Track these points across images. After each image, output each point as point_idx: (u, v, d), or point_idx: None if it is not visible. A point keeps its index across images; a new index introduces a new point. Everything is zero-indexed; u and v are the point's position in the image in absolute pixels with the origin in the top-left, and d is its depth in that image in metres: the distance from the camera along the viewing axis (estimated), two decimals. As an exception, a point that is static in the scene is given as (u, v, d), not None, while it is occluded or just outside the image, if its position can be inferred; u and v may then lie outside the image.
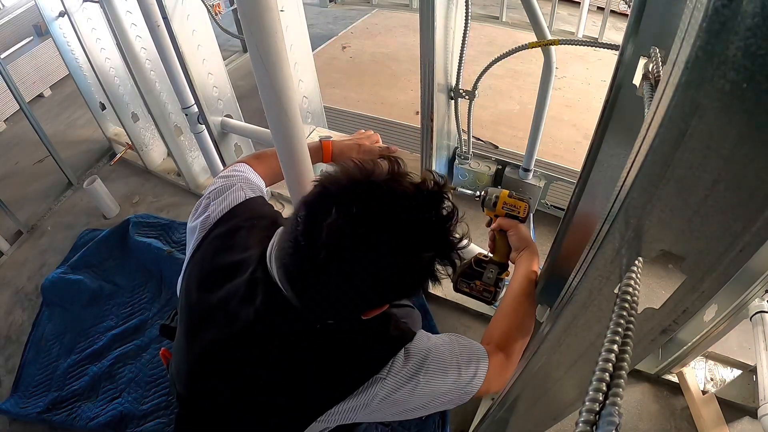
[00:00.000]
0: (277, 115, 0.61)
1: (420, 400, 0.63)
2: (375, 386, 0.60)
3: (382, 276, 0.53)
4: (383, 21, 2.83)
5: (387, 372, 0.61)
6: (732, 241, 0.26)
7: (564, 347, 0.44)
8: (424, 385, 0.62)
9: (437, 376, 0.63)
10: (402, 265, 0.53)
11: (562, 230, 0.86)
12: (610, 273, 0.33)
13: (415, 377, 0.62)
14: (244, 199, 0.76)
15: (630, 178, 0.28)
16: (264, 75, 0.57)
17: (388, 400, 0.61)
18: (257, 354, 0.62)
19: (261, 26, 0.53)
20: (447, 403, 0.66)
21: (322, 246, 0.51)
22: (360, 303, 0.58)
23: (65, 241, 1.91)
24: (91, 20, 1.76)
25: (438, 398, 0.64)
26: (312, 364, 0.61)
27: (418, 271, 0.55)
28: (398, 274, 0.54)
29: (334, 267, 0.52)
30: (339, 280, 0.53)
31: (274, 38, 0.55)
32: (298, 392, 0.61)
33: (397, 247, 0.52)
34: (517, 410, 0.65)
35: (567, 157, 1.60)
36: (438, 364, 0.64)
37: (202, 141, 1.62)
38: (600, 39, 2.54)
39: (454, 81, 1.14)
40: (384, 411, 0.63)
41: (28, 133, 2.24)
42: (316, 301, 0.57)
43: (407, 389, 0.62)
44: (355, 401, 0.60)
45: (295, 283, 0.56)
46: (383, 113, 1.97)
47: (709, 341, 1.08)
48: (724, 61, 0.20)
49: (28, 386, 1.43)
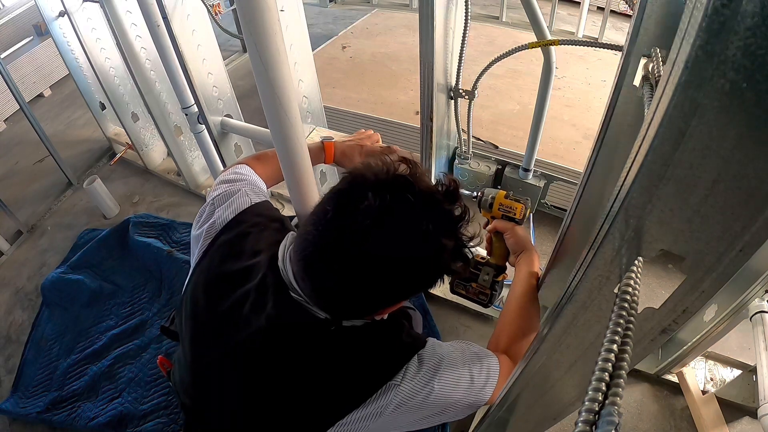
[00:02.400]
0: (277, 115, 0.61)
1: (434, 409, 0.62)
2: (389, 393, 0.59)
3: (406, 266, 0.54)
4: (383, 21, 2.83)
5: (401, 378, 0.60)
6: (732, 241, 0.26)
7: (564, 347, 0.44)
8: (439, 391, 0.61)
9: (451, 383, 0.63)
10: (425, 256, 0.55)
11: (563, 232, 0.86)
12: (610, 273, 0.33)
13: (429, 384, 0.61)
14: (250, 204, 0.75)
15: (630, 177, 0.28)
16: (263, 75, 0.57)
17: (402, 408, 0.60)
18: (268, 362, 0.61)
19: (260, 26, 0.53)
20: (459, 412, 0.65)
21: (354, 230, 0.52)
22: (378, 297, 0.58)
23: (65, 241, 1.91)
24: (91, 20, 1.76)
25: (452, 406, 0.63)
26: (325, 371, 0.60)
27: (437, 263, 0.56)
28: (420, 264, 0.55)
29: (362, 253, 0.52)
30: (363, 267, 0.53)
31: (274, 38, 0.54)
32: (310, 401, 0.60)
33: (423, 238, 0.53)
34: (517, 410, 0.65)
35: (567, 157, 1.60)
36: (451, 370, 0.63)
37: (202, 141, 1.62)
38: (600, 39, 2.54)
39: (453, 81, 1.14)
40: (398, 420, 0.61)
41: (28, 133, 2.24)
42: (334, 295, 0.57)
43: (421, 396, 0.60)
44: (369, 409, 0.59)
45: (315, 276, 0.56)
46: (383, 113, 1.97)
47: (709, 341, 1.08)
48: (723, 60, 0.20)
49: (28, 386, 1.43)
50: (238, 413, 0.62)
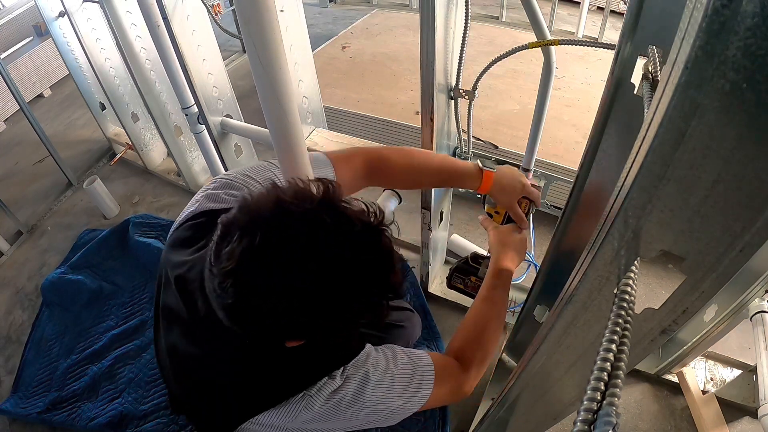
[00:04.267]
0: (277, 116, 0.61)
1: (356, 420, 0.61)
2: (302, 403, 0.58)
3: (281, 313, 0.48)
4: (383, 21, 2.83)
5: (318, 391, 0.58)
6: (732, 242, 0.26)
7: (564, 347, 0.44)
8: (365, 404, 0.61)
9: (377, 392, 0.62)
10: (312, 305, 0.48)
11: (559, 231, 0.87)
12: (610, 273, 0.33)
13: (358, 398, 0.60)
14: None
15: (630, 178, 0.28)
16: (263, 76, 0.56)
17: (318, 419, 0.59)
18: (206, 349, 0.62)
19: (259, 27, 0.53)
20: (387, 418, 0.64)
21: (219, 272, 0.47)
22: (271, 334, 0.52)
23: (65, 241, 1.91)
24: (91, 20, 1.76)
25: (382, 418, 0.63)
26: (244, 368, 0.60)
27: (336, 312, 0.49)
28: (303, 313, 0.48)
29: (234, 295, 0.48)
30: (244, 308, 0.49)
31: (273, 39, 0.54)
32: (227, 396, 0.60)
33: (309, 284, 0.47)
34: (517, 410, 0.65)
35: (567, 157, 1.60)
36: (378, 380, 0.62)
37: (202, 141, 1.62)
38: (600, 39, 2.54)
39: (454, 81, 1.14)
40: (323, 426, 0.60)
41: (28, 133, 2.24)
42: (235, 321, 0.52)
43: (350, 411, 0.60)
44: (279, 417, 0.58)
45: (210, 301, 0.53)
46: (383, 113, 1.97)
47: (709, 341, 1.08)
48: (723, 61, 0.20)
49: (28, 386, 1.43)
50: (178, 395, 0.67)
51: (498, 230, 0.91)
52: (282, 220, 0.47)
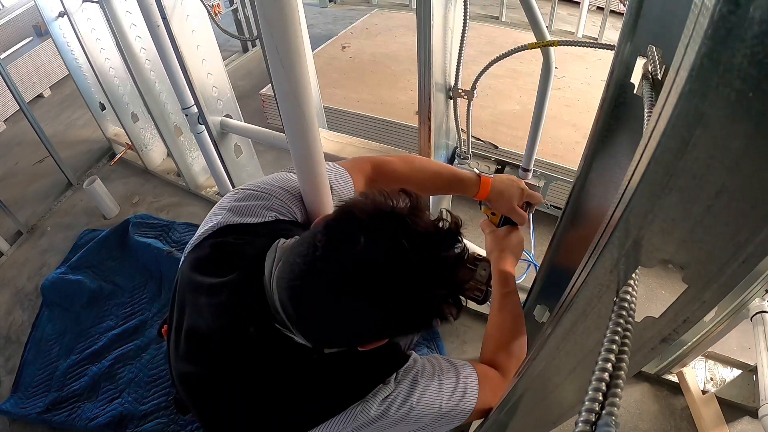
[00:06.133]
0: (296, 120, 0.58)
1: (411, 425, 0.62)
2: (359, 407, 0.59)
3: (394, 310, 0.52)
4: (383, 21, 2.82)
5: (372, 396, 0.59)
6: (735, 252, 0.25)
7: (563, 353, 0.44)
8: (412, 408, 0.61)
9: (426, 399, 0.62)
10: (415, 302, 0.52)
11: (559, 231, 0.86)
12: (610, 282, 0.32)
13: (407, 401, 0.61)
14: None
15: (631, 187, 0.27)
16: (284, 80, 0.55)
17: (375, 425, 0.59)
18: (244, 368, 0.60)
19: (282, 30, 0.50)
20: (440, 426, 0.64)
21: (343, 274, 0.50)
22: (363, 334, 0.56)
23: (65, 242, 1.91)
24: (90, 20, 1.75)
25: (429, 420, 0.63)
26: (298, 387, 0.60)
27: (428, 308, 0.54)
28: (410, 309, 0.53)
29: (350, 296, 0.51)
30: (351, 309, 0.52)
31: (295, 40, 0.52)
32: (281, 412, 0.60)
33: (415, 283, 0.51)
34: (517, 414, 0.65)
35: (567, 157, 1.60)
36: (426, 386, 0.63)
37: (201, 141, 1.62)
38: (599, 39, 2.53)
39: (452, 81, 1.14)
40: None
41: (28, 134, 2.24)
42: (318, 327, 0.55)
43: (397, 413, 0.60)
44: (336, 425, 0.59)
45: (299, 307, 0.54)
46: (383, 113, 1.96)
47: (709, 341, 1.08)
48: (729, 69, 0.19)
49: (28, 386, 1.43)
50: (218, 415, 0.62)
51: (494, 234, 0.92)
52: (397, 223, 0.51)
